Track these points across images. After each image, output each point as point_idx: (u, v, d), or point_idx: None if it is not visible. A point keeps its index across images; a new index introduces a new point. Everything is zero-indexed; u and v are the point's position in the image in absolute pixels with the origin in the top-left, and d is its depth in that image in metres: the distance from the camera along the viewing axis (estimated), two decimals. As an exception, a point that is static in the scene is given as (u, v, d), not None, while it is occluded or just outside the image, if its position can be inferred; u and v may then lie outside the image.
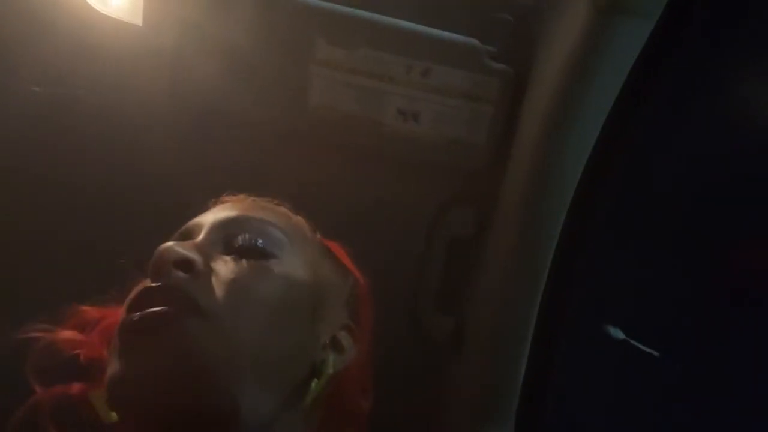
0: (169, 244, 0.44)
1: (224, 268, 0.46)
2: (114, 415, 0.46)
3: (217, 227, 0.49)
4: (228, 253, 0.47)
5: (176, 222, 0.53)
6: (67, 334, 0.50)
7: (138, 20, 0.64)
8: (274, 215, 0.52)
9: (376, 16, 0.65)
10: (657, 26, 0.48)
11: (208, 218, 0.50)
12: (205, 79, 0.64)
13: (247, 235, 0.48)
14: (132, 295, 0.45)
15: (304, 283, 0.49)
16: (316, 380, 0.48)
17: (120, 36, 0.64)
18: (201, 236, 0.48)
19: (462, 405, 0.61)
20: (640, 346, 0.86)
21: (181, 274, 0.43)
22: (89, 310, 0.52)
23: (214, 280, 0.45)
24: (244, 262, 0.47)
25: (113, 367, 0.42)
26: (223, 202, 0.54)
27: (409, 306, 0.69)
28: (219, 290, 0.44)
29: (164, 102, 0.64)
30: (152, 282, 0.43)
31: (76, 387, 0.49)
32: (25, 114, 0.67)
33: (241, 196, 0.55)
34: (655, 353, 0.86)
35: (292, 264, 0.49)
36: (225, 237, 0.48)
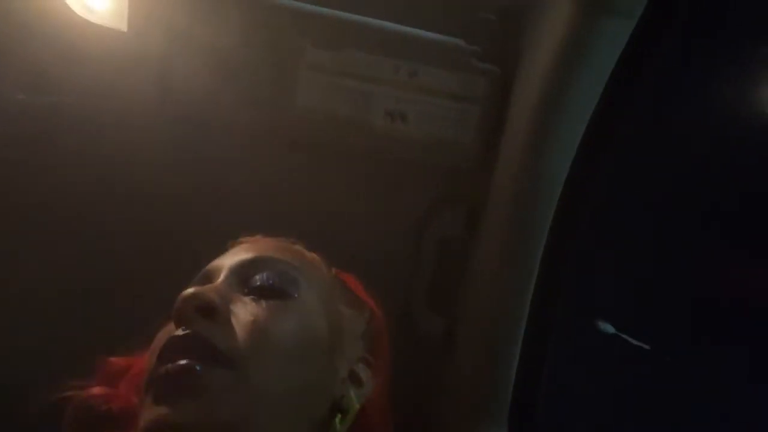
0: (191, 290, 0.46)
1: (243, 310, 0.47)
2: None
3: (236, 269, 0.50)
4: (246, 294, 0.49)
5: (167, 224, 0.53)
6: (97, 390, 0.52)
7: (123, 26, 0.64)
8: (290, 254, 0.54)
9: (363, 18, 0.65)
10: (639, 25, 0.49)
11: (227, 261, 0.51)
12: (193, 84, 0.64)
13: (264, 275, 0.49)
14: (159, 344, 0.46)
15: (321, 320, 0.51)
16: (339, 416, 0.49)
17: (105, 42, 0.64)
18: (220, 279, 0.49)
19: (454, 405, 0.61)
20: (631, 340, 0.86)
21: (203, 320, 0.45)
22: (117, 361, 0.54)
23: (235, 323, 0.46)
24: (263, 302, 0.48)
25: (145, 415, 0.43)
26: (240, 244, 0.56)
27: (400, 306, 0.69)
28: (240, 334, 0.46)
29: (151, 108, 0.64)
30: (176, 327, 0.45)
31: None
32: (8, 121, 0.66)
33: (257, 237, 0.57)
34: (646, 347, 0.87)
35: (309, 302, 0.50)
36: (243, 278, 0.50)
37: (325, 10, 0.64)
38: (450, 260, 0.67)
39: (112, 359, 0.54)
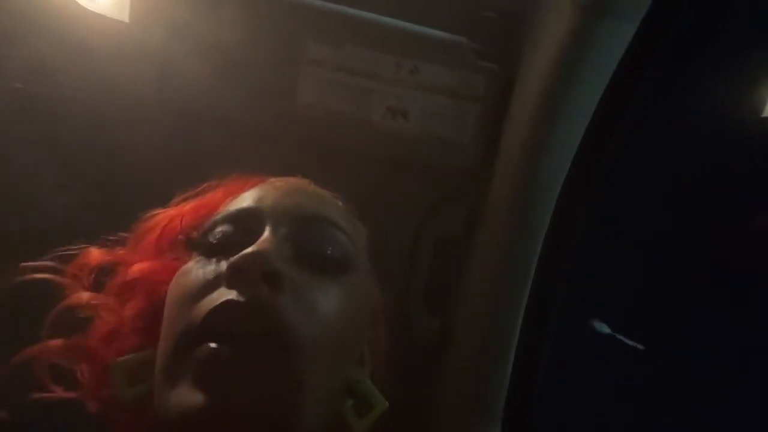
0: (258, 250, 0.39)
1: (305, 285, 0.42)
2: (130, 393, 0.43)
3: (283, 222, 0.44)
4: (300, 260, 0.43)
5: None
6: (85, 296, 0.47)
7: (125, 17, 0.63)
8: (343, 216, 0.49)
9: (365, 14, 0.65)
10: (640, 28, 0.49)
11: (267, 204, 0.45)
12: (193, 77, 0.63)
13: (322, 244, 0.44)
14: (211, 306, 0.39)
15: (371, 297, 0.47)
16: (352, 401, 0.45)
17: (106, 33, 0.63)
18: (267, 233, 0.43)
19: (450, 404, 0.61)
20: (626, 341, 0.87)
21: (266, 288, 0.39)
22: (99, 255, 0.49)
23: (298, 300, 0.41)
24: (324, 279, 0.43)
25: (189, 396, 0.37)
26: (279, 182, 0.50)
27: (397, 305, 0.69)
28: (304, 316, 0.40)
29: (150, 99, 0.64)
30: (234, 288, 0.39)
31: (93, 341, 0.46)
32: (8, 110, 0.66)
33: (294, 178, 0.51)
34: (640, 347, 0.87)
35: (362, 277, 0.46)
36: (295, 238, 0.44)
37: (327, 6, 0.64)
38: (448, 260, 0.67)
39: (94, 251, 0.49)
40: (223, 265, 0.41)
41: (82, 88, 0.66)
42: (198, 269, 0.43)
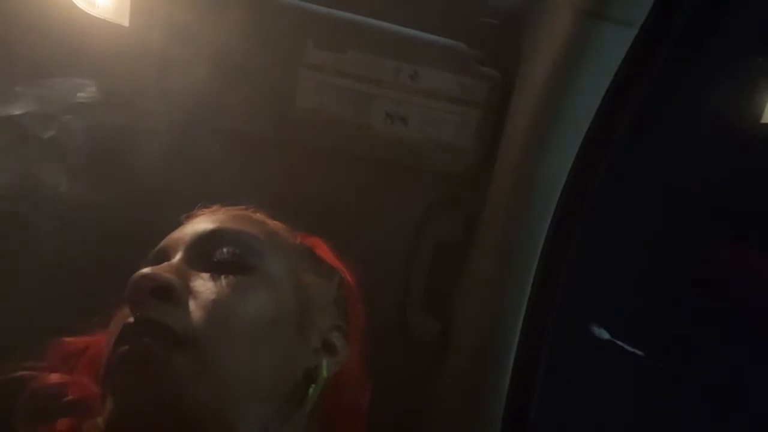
0: (145, 270, 0.43)
1: (203, 287, 0.44)
2: None
3: (194, 244, 0.47)
4: (206, 270, 0.46)
5: (163, 219, 0.52)
6: (54, 377, 0.49)
7: (125, 21, 0.64)
8: (250, 224, 0.51)
9: (365, 19, 0.65)
10: (639, 33, 0.49)
11: (184, 234, 0.49)
12: (193, 81, 0.64)
13: (224, 249, 0.47)
14: (115, 330, 0.44)
15: (287, 293, 0.48)
16: (313, 386, 0.48)
17: (106, 37, 0.63)
18: (177, 256, 0.47)
19: (449, 408, 0.61)
20: (626, 347, 0.87)
21: (159, 302, 0.42)
22: (72, 342, 0.51)
23: (193, 303, 0.43)
24: (223, 279, 0.45)
25: (108, 405, 0.41)
26: (196, 216, 0.53)
27: (396, 309, 0.69)
28: (200, 315, 0.43)
29: (150, 103, 0.64)
30: (132, 313, 0.42)
31: (64, 423, 0.48)
32: (9, 114, 0.66)
33: (215, 207, 0.54)
34: (640, 353, 0.87)
35: (273, 274, 0.48)
36: (202, 253, 0.47)
37: (327, 11, 0.64)
38: (447, 264, 0.67)
39: (68, 340, 0.51)
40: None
41: (80, 91, 0.66)
42: (117, 315, 0.47)
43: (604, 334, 0.85)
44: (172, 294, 0.43)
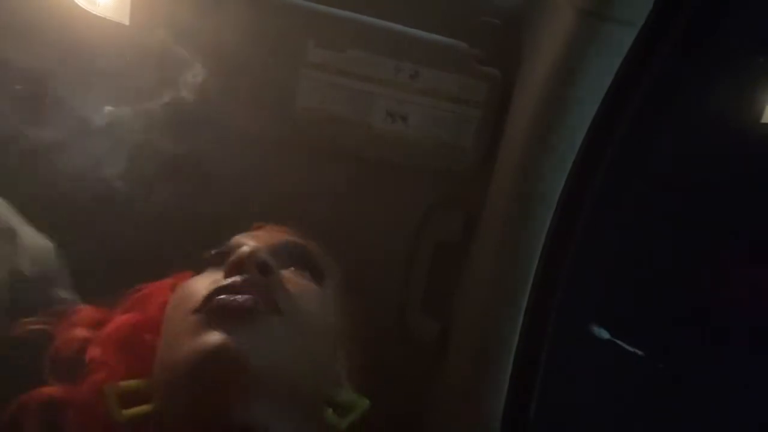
0: (250, 247, 0.47)
1: (291, 277, 0.50)
2: (122, 416, 0.46)
3: (272, 249, 0.52)
4: (288, 267, 0.52)
5: (163, 220, 0.53)
6: (79, 331, 0.52)
7: (125, 20, 0.64)
8: (316, 248, 0.57)
9: (366, 18, 0.65)
10: (640, 33, 0.49)
11: (259, 241, 0.52)
12: (193, 80, 0.63)
13: (302, 259, 0.53)
14: (213, 285, 0.46)
15: (331, 317, 0.53)
16: (330, 410, 0.49)
17: (107, 35, 0.63)
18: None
19: (448, 408, 0.61)
20: (626, 346, 0.87)
21: (258, 275, 0.47)
22: (88, 310, 0.54)
23: (282, 287, 0.48)
24: (305, 275, 0.51)
25: (202, 339, 0.43)
26: (265, 227, 0.58)
27: (395, 309, 0.69)
28: (287, 297, 0.48)
29: (150, 102, 0.64)
30: (231, 275, 0.46)
31: (87, 384, 0.49)
32: (7, 113, 0.66)
33: (283, 227, 0.59)
34: (640, 353, 0.87)
35: (329, 297, 0.53)
36: (285, 256, 0.53)
37: (328, 9, 0.64)
38: (447, 263, 0.67)
39: (86, 307, 0.54)
40: (220, 272, 0.49)
41: (79, 89, 0.66)
42: (197, 278, 0.51)
43: (604, 334, 0.85)
44: (272, 271, 0.48)
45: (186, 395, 0.44)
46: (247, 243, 0.49)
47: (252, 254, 0.47)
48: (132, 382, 0.49)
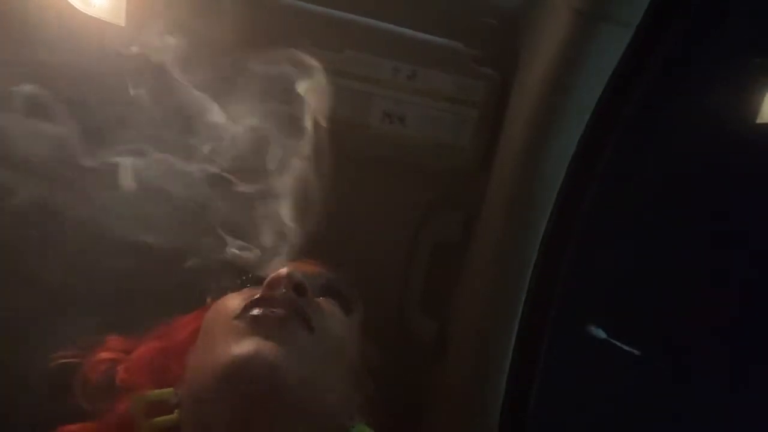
0: (288, 269, 0.50)
1: (322, 302, 0.53)
2: (148, 424, 0.48)
3: (309, 276, 0.54)
4: (320, 296, 0.54)
5: (163, 220, 0.54)
6: (106, 354, 0.54)
7: (121, 21, 0.63)
8: (346, 283, 0.59)
9: (363, 19, 0.65)
10: (636, 33, 0.49)
11: (292, 272, 0.53)
12: (189, 81, 0.63)
13: (334, 289, 0.56)
14: (248, 300, 0.49)
15: (353, 348, 0.54)
16: None
17: (102, 36, 0.63)
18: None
19: (448, 407, 0.61)
20: (623, 346, 0.87)
21: (294, 294, 0.49)
22: (118, 340, 0.56)
23: (314, 308, 0.51)
24: (336, 304, 0.54)
25: (236, 348, 0.45)
26: (300, 261, 0.58)
27: (394, 308, 0.69)
28: (320, 318, 0.50)
29: (146, 103, 0.64)
30: (268, 292, 0.49)
31: (121, 403, 0.51)
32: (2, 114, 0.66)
33: (317, 261, 0.60)
34: (637, 352, 0.87)
35: (353, 329, 0.56)
36: (318, 285, 0.55)
37: (325, 10, 0.64)
38: (445, 263, 0.67)
39: (114, 338, 0.56)
40: (257, 290, 0.51)
41: (76, 91, 0.66)
42: (236, 293, 0.53)
43: (603, 334, 0.85)
44: (307, 293, 0.50)
45: (216, 399, 0.45)
46: (284, 266, 0.52)
47: (289, 274, 0.49)
48: (159, 392, 0.50)
